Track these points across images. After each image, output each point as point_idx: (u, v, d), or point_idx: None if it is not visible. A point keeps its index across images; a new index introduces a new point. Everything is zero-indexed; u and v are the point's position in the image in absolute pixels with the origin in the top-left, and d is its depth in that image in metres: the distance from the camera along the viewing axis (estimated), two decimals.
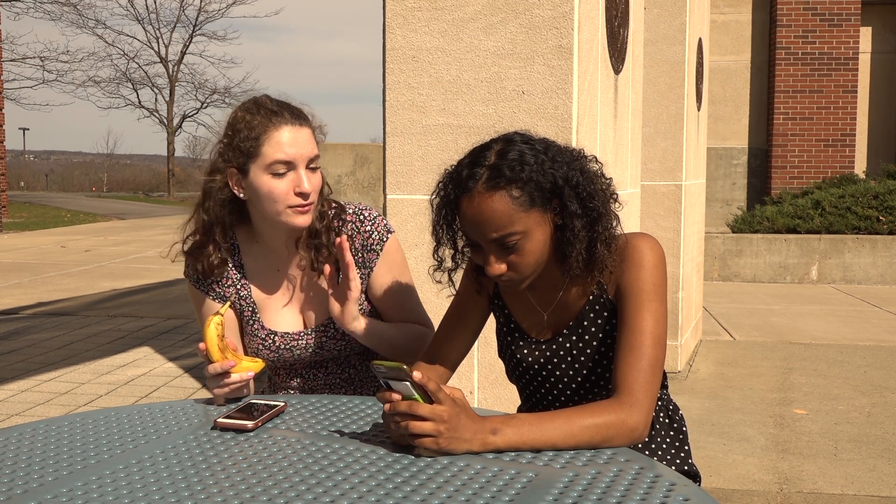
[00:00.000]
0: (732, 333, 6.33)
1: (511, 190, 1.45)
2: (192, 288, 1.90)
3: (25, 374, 5.06)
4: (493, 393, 2.78)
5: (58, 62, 35.50)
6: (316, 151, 1.77)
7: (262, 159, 1.71)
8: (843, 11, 11.21)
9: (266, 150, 1.71)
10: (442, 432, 1.30)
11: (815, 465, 3.52)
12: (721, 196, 11.70)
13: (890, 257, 9.04)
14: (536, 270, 1.53)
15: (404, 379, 1.31)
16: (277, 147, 1.71)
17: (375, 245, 1.85)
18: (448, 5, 2.71)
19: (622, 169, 3.51)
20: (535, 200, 1.47)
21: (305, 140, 1.75)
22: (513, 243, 1.47)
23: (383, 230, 1.86)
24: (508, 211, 1.45)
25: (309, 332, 1.87)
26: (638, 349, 1.48)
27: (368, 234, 1.85)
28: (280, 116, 1.73)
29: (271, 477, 1.25)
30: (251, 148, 1.72)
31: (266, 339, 1.87)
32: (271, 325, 1.87)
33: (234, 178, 1.76)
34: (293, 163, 1.72)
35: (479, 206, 1.45)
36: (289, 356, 1.89)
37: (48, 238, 14.02)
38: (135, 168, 59.33)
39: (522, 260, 1.49)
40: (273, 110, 1.74)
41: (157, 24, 49.12)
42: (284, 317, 1.88)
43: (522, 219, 1.46)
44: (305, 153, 1.74)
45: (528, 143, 1.50)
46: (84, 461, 1.33)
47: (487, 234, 1.47)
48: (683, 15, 5.10)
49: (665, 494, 1.18)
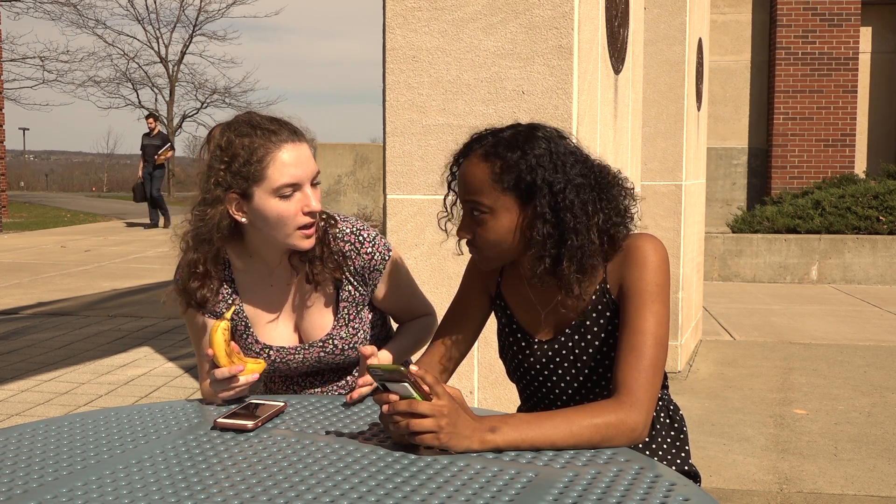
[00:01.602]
0: (732, 333, 6.33)
1: (495, 165, 1.52)
2: (186, 314, 1.83)
3: (25, 374, 5.06)
4: (493, 393, 2.78)
5: (58, 62, 35.49)
6: (317, 168, 1.74)
7: (269, 183, 1.66)
8: (843, 11, 11.21)
9: (271, 174, 1.65)
10: (443, 427, 1.30)
11: (815, 465, 3.52)
12: (721, 196, 11.69)
13: (890, 257, 9.04)
14: (497, 256, 1.58)
15: (402, 380, 1.31)
16: (283, 169, 1.66)
17: (379, 265, 1.83)
18: (448, 5, 2.71)
19: (622, 169, 3.51)
20: (511, 186, 1.51)
21: (307, 157, 1.70)
22: (478, 214, 1.54)
23: (384, 250, 1.84)
24: (484, 180, 1.52)
25: (306, 347, 1.84)
26: (639, 349, 1.48)
27: (370, 255, 1.82)
28: (279, 136, 1.68)
29: (271, 477, 1.25)
30: (255, 172, 1.66)
31: (261, 353, 1.83)
32: (265, 339, 1.83)
33: (233, 204, 1.69)
34: (299, 184, 1.68)
35: (467, 167, 1.55)
36: (284, 368, 1.87)
37: (48, 238, 14.02)
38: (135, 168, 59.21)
39: (483, 234, 1.55)
40: (271, 129, 1.69)
41: (157, 24, 49.07)
42: (278, 332, 1.84)
43: (494, 195, 1.52)
44: (310, 172, 1.70)
45: (545, 139, 1.54)
46: (84, 461, 1.33)
47: (463, 193, 1.57)
48: (683, 15, 5.10)
49: (665, 494, 1.18)
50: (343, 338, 1.84)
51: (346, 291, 1.83)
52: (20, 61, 27.71)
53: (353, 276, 1.82)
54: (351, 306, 1.84)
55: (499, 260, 1.59)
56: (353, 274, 1.82)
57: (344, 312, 1.84)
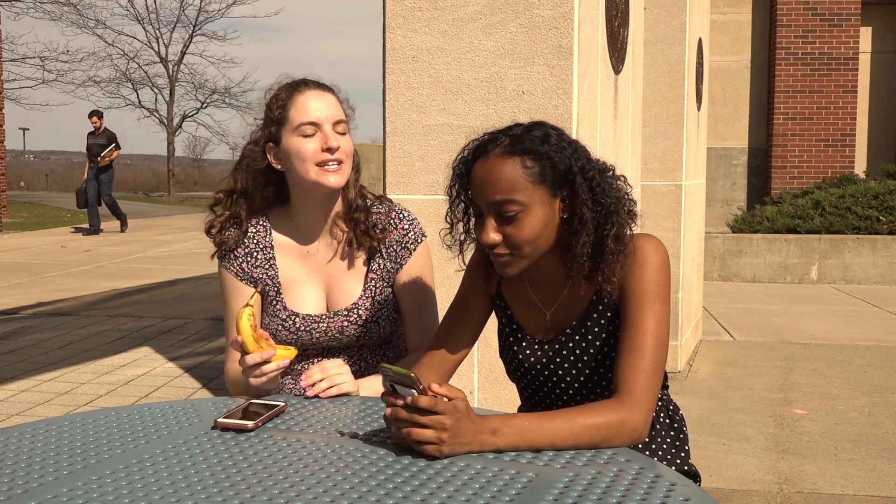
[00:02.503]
0: (732, 333, 6.33)
1: (525, 159, 1.48)
2: (219, 267, 1.94)
3: (25, 374, 5.06)
4: (493, 393, 2.78)
5: (58, 62, 35.47)
6: (341, 115, 1.87)
7: (290, 123, 1.82)
8: (843, 11, 11.21)
9: (293, 114, 1.82)
10: (444, 440, 1.30)
11: (815, 465, 3.52)
12: (721, 196, 11.70)
13: (890, 257, 9.04)
14: (531, 254, 1.53)
15: (411, 386, 1.31)
16: (303, 109, 1.82)
17: (410, 244, 1.93)
18: (448, 5, 2.71)
19: (622, 169, 3.51)
20: (546, 178, 1.49)
21: (330, 104, 1.85)
22: (512, 213, 1.48)
23: (419, 232, 1.95)
24: (516, 177, 1.47)
25: (331, 316, 1.90)
26: (640, 349, 1.48)
27: (406, 231, 1.92)
28: (303, 84, 1.86)
29: (271, 477, 1.25)
30: (280, 115, 1.84)
31: (287, 321, 1.89)
32: (293, 305, 1.90)
33: (272, 153, 1.86)
34: (319, 123, 1.82)
35: (491, 167, 1.49)
36: (307, 338, 1.90)
37: (48, 238, 14.01)
38: (135, 168, 59.30)
39: (518, 233, 1.49)
40: (297, 81, 1.88)
41: (157, 24, 49.04)
42: (308, 298, 1.91)
43: (528, 190, 1.48)
44: (330, 115, 1.83)
45: (556, 130, 1.54)
46: (84, 461, 1.33)
47: (491, 195, 1.49)
48: (683, 15, 5.10)
49: (665, 494, 1.18)
50: (368, 308, 1.90)
51: (377, 263, 1.91)
52: (20, 61, 27.70)
53: (388, 247, 1.91)
54: (378, 279, 1.92)
55: (532, 258, 1.53)
56: (388, 246, 1.91)
57: (371, 284, 1.91)
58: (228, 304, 1.93)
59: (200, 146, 48.54)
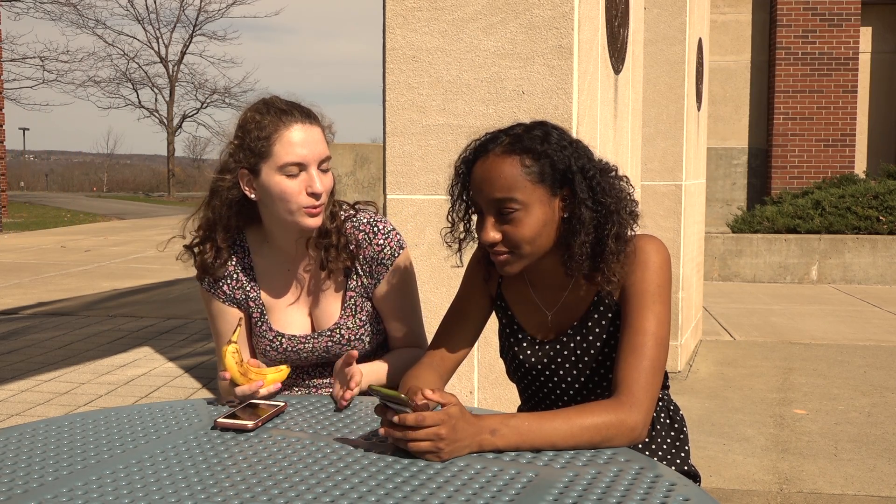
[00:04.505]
0: (732, 333, 6.33)
1: (524, 158, 1.48)
2: (203, 292, 1.91)
3: (25, 374, 5.06)
4: (493, 393, 2.78)
5: (58, 62, 35.55)
6: (327, 152, 1.78)
7: (274, 160, 1.71)
8: (843, 11, 11.21)
9: (278, 151, 1.71)
10: (441, 448, 1.30)
11: (815, 465, 3.52)
12: (721, 196, 11.69)
13: (890, 257, 9.04)
14: (531, 253, 1.53)
15: (403, 405, 1.31)
16: (289, 148, 1.71)
17: (386, 260, 1.86)
18: (448, 5, 2.71)
19: (622, 169, 3.51)
20: (545, 177, 1.49)
21: (316, 140, 1.75)
22: (510, 211, 1.49)
23: (395, 245, 1.86)
24: (515, 176, 1.48)
25: (315, 336, 1.87)
26: (640, 350, 1.48)
27: (381, 247, 1.85)
28: (290, 115, 1.74)
29: (271, 477, 1.25)
30: (262, 148, 1.72)
31: (273, 341, 1.87)
32: (279, 326, 1.88)
33: (245, 179, 1.76)
34: (305, 164, 1.72)
35: (490, 166, 1.50)
36: (295, 358, 1.89)
37: (48, 238, 14.01)
38: (135, 168, 59.36)
39: (517, 232, 1.50)
40: (283, 109, 1.74)
41: (157, 24, 49.11)
42: (293, 318, 1.88)
43: (527, 189, 1.48)
44: (317, 154, 1.74)
45: (557, 129, 1.54)
46: (84, 461, 1.33)
47: (490, 193, 1.49)
48: (683, 15, 5.10)
49: (665, 494, 1.18)
50: (350, 328, 1.87)
51: (354, 281, 1.87)
52: (20, 61, 27.72)
53: (363, 265, 1.86)
54: (357, 297, 1.87)
55: (532, 258, 1.54)
56: (363, 264, 1.86)
57: (350, 302, 1.87)
58: (216, 325, 1.91)
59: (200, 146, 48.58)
